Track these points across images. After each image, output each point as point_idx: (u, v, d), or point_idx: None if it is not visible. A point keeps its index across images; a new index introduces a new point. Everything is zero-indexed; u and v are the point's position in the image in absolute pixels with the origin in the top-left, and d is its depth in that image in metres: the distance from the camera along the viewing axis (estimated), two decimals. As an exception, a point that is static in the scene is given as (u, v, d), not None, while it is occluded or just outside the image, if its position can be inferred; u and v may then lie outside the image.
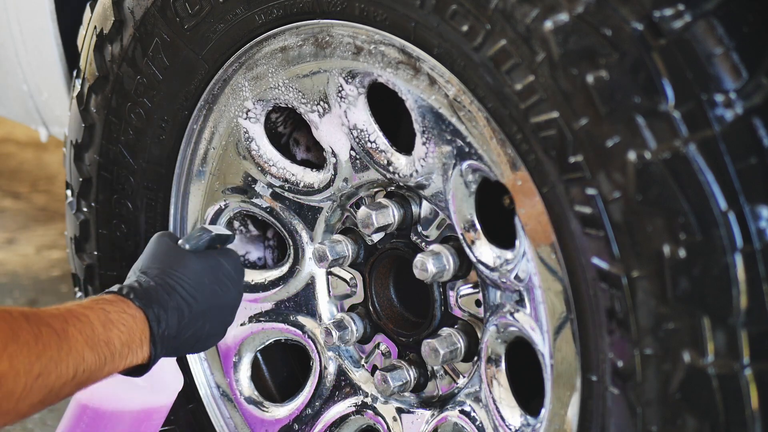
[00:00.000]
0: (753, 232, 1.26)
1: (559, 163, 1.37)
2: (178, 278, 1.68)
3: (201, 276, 1.70)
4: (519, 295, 1.56)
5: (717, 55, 1.27)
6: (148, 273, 1.68)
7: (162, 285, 1.66)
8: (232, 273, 1.74)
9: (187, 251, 1.72)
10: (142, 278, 1.67)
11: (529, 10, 1.36)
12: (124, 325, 1.58)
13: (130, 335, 1.58)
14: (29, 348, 1.42)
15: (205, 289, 1.70)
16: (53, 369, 1.44)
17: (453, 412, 1.72)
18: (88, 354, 1.50)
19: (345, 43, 1.65)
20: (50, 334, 1.46)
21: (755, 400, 1.28)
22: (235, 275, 1.75)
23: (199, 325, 1.69)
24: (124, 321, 1.58)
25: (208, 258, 1.73)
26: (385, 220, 1.70)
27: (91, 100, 1.96)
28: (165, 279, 1.67)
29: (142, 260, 1.73)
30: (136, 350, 1.59)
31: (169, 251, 1.72)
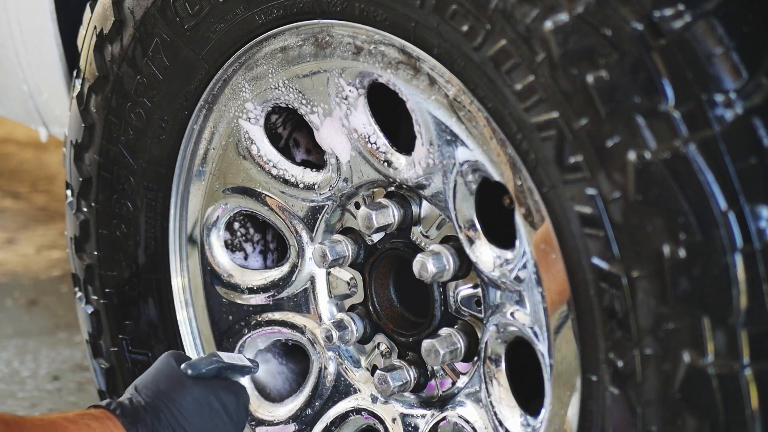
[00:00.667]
0: (753, 232, 1.26)
1: (559, 163, 1.37)
2: (169, 403, 1.66)
3: (195, 406, 1.68)
4: (519, 295, 1.56)
5: (717, 55, 1.27)
6: (142, 392, 1.68)
7: (152, 407, 1.65)
8: (231, 409, 1.72)
9: (188, 377, 1.70)
10: (135, 396, 1.67)
11: (529, 10, 1.36)
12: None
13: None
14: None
15: (197, 420, 1.67)
16: None
17: (453, 413, 1.72)
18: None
19: (345, 43, 1.65)
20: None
21: (755, 400, 1.28)
22: (235, 412, 1.72)
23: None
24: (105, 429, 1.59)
25: (209, 388, 1.71)
26: (385, 220, 1.70)
27: (91, 100, 1.96)
28: (156, 402, 1.66)
29: (142, 378, 1.72)
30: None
31: (169, 373, 1.71)
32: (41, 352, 3.07)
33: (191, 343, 1.99)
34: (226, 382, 1.74)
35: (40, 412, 2.72)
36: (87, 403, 2.73)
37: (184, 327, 1.99)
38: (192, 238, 1.96)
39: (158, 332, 2.00)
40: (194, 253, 1.96)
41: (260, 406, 1.97)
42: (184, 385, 1.69)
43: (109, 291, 2.03)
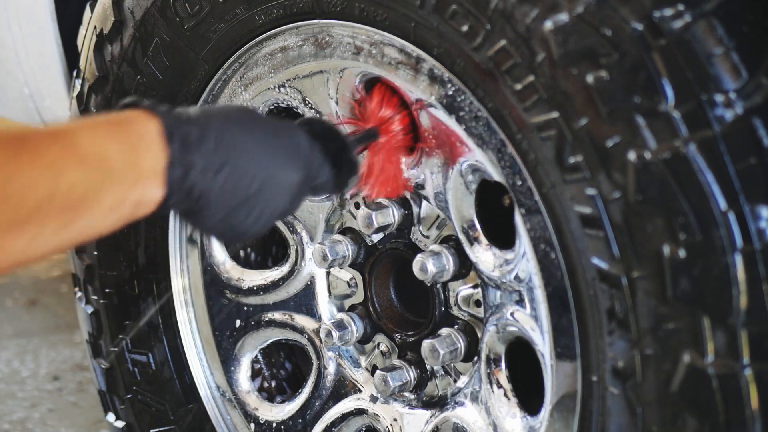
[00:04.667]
0: (753, 232, 1.26)
1: (559, 163, 1.37)
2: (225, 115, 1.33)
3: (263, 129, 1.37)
4: (519, 295, 1.56)
5: (717, 55, 1.27)
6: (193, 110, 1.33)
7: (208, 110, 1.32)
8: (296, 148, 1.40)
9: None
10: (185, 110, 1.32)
11: (529, 10, 1.36)
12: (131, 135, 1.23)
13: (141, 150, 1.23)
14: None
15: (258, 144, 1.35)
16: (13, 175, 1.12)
17: (453, 413, 1.72)
18: (69, 168, 1.17)
19: (345, 43, 1.65)
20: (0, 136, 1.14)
21: (755, 400, 1.28)
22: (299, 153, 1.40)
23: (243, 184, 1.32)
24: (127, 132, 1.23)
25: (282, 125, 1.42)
26: (385, 220, 1.70)
27: (91, 100, 1.96)
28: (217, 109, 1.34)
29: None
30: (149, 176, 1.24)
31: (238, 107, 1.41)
32: (41, 352, 3.07)
33: (191, 344, 1.99)
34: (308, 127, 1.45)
35: (40, 413, 2.72)
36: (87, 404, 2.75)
37: (184, 327, 1.99)
38: (192, 238, 1.96)
39: (158, 332, 2.00)
40: (194, 253, 1.96)
41: (260, 405, 1.97)
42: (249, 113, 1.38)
43: (109, 291, 2.03)
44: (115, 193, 1.21)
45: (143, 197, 1.24)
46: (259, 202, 1.35)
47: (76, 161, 1.17)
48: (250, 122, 1.37)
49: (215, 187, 1.30)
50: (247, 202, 1.34)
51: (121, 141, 1.22)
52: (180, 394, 2.00)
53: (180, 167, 1.26)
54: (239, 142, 1.32)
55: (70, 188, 1.16)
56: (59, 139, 1.18)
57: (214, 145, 1.29)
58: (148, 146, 1.24)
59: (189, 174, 1.27)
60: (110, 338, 2.05)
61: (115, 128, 1.23)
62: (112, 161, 1.20)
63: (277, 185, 1.36)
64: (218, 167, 1.30)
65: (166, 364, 2.00)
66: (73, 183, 1.17)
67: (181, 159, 1.26)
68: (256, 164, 1.33)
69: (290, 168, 1.38)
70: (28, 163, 1.13)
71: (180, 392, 2.00)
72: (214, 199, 1.31)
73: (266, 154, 1.35)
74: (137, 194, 1.23)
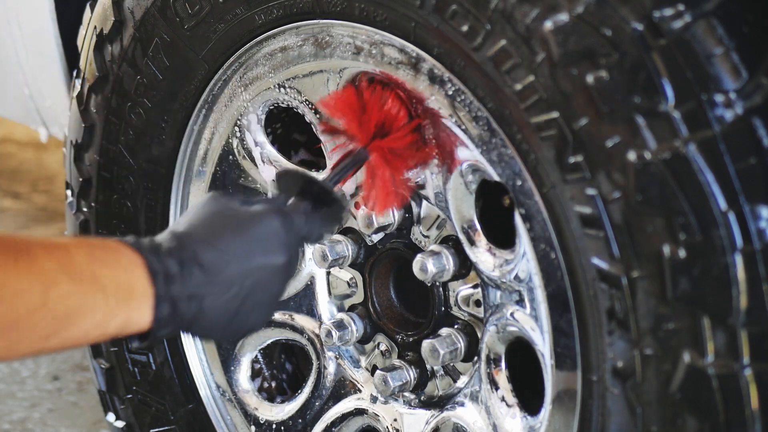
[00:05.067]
0: (753, 232, 1.26)
1: (559, 163, 1.37)
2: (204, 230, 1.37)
3: (236, 229, 1.38)
4: (519, 295, 1.56)
5: (717, 55, 1.27)
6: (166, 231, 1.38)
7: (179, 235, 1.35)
8: (274, 232, 1.41)
9: (235, 205, 1.42)
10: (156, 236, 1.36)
11: (529, 10, 1.36)
12: (118, 265, 1.28)
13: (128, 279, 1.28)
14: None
15: (237, 247, 1.37)
16: (7, 281, 1.17)
17: (453, 413, 1.72)
18: (63, 280, 1.22)
19: (345, 43, 1.65)
20: (0, 241, 1.20)
21: (755, 400, 1.28)
22: (278, 235, 1.41)
23: (234, 293, 1.36)
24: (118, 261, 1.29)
25: (257, 213, 1.41)
26: (385, 220, 1.70)
27: (91, 100, 1.96)
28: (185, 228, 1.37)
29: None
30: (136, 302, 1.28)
31: (204, 206, 1.41)
32: (41, 352, 3.07)
33: (191, 344, 1.99)
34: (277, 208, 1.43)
35: (40, 413, 2.72)
36: (87, 404, 2.75)
37: (184, 327, 1.99)
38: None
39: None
40: (194, 253, 1.96)
41: (260, 405, 1.97)
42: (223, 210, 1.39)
43: (109, 291, 2.03)
44: (103, 310, 1.26)
45: (132, 319, 1.29)
46: (256, 302, 1.39)
47: (70, 275, 1.23)
48: (226, 229, 1.38)
49: (205, 311, 1.34)
50: (242, 308, 1.38)
51: (112, 267, 1.27)
52: (180, 394, 2.00)
53: (167, 304, 1.31)
54: (220, 260, 1.35)
55: (61, 300, 1.21)
56: (57, 253, 1.24)
57: (197, 273, 1.33)
58: (137, 278, 1.29)
59: (177, 306, 1.32)
60: (110, 338, 2.05)
61: (107, 255, 1.29)
62: (104, 281, 1.25)
63: (267, 278, 1.39)
64: (204, 295, 1.34)
65: (166, 364, 2.00)
66: (65, 295, 1.22)
67: (166, 296, 1.31)
68: (241, 272, 1.37)
69: (277, 256, 1.40)
70: (25, 270, 1.19)
71: (180, 392, 2.00)
72: (209, 319, 1.35)
73: (250, 257, 1.37)
74: (125, 316, 1.28)
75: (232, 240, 1.37)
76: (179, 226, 1.38)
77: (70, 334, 1.24)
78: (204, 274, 1.34)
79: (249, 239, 1.38)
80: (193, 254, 1.34)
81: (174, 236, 1.35)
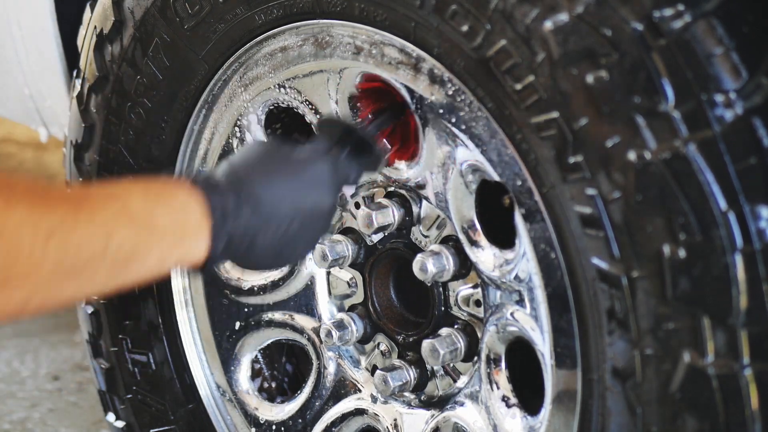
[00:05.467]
0: (753, 232, 1.26)
1: (559, 163, 1.37)
2: (259, 171, 1.45)
3: (288, 172, 1.48)
4: (519, 295, 1.56)
5: (717, 55, 1.27)
6: (223, 167, 1.46)
7: (236, 174, 1.44)
8: (322, 177, 1.51)
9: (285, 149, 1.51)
10: (214, 172, 1.45)
11: (529, 10, 1.36)
12: (173, 204, 1.36)
13: (183, 216, 1.36)
14: (31, 199, 1.22)
15: (288, 189, 1.47)
16: (70, 230, 1.24)
17: (453, 413, 1.72)
18: (121, 226, 1.29)
19: (345, 43, 1.65)
20: (62, 194, 1.27)
21: (755, 400, 1.28)
22: (326, 180, 1.51)
23: (282, 230, 1.45)
24: (173, 199, 1.36)
25: (307, 156, 1.52)
26: (385, 220, 1.70)
27: (91, 100, 1.96)
28: (242, 169, 1.45)
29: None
30: (192, 238, 1.37)
31: (260, 149, 1.50)
32: (41, 352, 3.07)
33: (191, 344, 1.99)
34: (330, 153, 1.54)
35: (39, 413, 2.72)
36: (87, 404, 2.75)
37: (184, 327, 1.99)
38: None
39: (158, 332, 2.00)
40: (194, 253, 1.96)
41: (260, 405, 1.97)
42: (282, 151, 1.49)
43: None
44: (160, 250, 1.34)
45: (187, 256, 1.37)
46: (302, 238, 1.50)
47: (128, 221, 1.30)
48: (278, 171, 1.47)
49: (257, 245, 1.44)
50: (289, 243, 1.47)
51: (168, 206, 1.35)
52: (180, 394, 2.00)
53: (223, 238, 1.39)
54: (272, 200, 1.45)
55: (120, 245, 1.29)
56: (114, 201, 1.31)
57: (251, 212, 1.42)
58: (192, 215, 1.37)
59: (232, 241, 1.41)
60: (110, 338, 2.05)
61: (163, 195, 1.36)
62: (159, 223, 1.33)
63: (314, 218, 1.50)
64: (256, 231, 1.43)
65: (166, 364, 2.00)
66: (124, 240, 1.29)
67: (222, 230, 1.39)
68: (291, 212, 1.46)
69: (323, 198, 1.51)
70: (86, 220, 1.26)
71: (180, 392, 2.00)
72: (258, 253, 1.44)
73: (298, 199, 1.47)
74: (181, 253, 1.36)
75: (285, 182, 1.46)
76: (236, 165, 1.45)
77: (131, 275, 1.32)
78: (258, 212, 1.42)
79: (300, 182, 1.48)
80: (249, 192, 1.42)
81: (232, 173, 1.43)
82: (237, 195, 1.41)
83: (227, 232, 1.39)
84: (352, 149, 1.57)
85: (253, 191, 1.43)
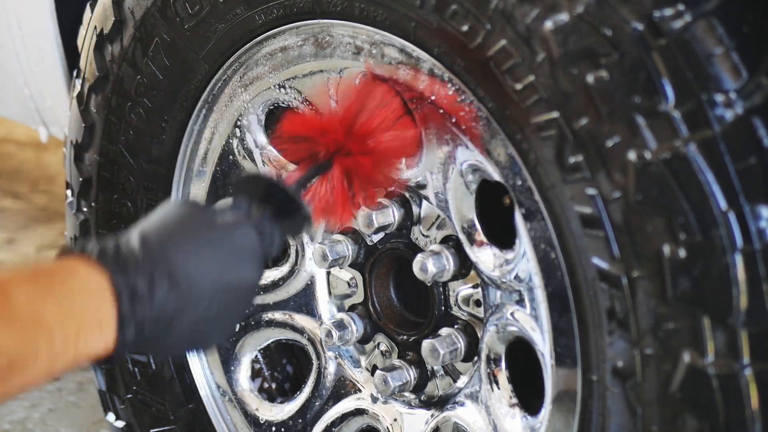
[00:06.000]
0: (753, 232, 1.26)
1: (559, 163, 1.37)
2: (176, 241, 1.25)
3: (209, 240, 1.29)
4: (519, 295, 1.56)
5: (717, 55, 1.27)
6: (134, 233, 1.25)
7: (149, 246, 1.23)
8: (249, 246, 1.33)
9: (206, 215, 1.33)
10: (123, 239, 1.24)
11: (529, 10, 1.36)
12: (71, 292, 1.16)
13: (81, 307, 1.16)
14: None
15: (211, 262, 1.28)
16: None
17: (453, 413, 1.72)
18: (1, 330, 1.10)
19: (345, 43, 1.65)
20: None
21: (755, 400, 1.28)
22: (252, 250, 1.34)
23: (202, 310, 1.25)
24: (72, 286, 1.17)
25: (223, 225, 1.33)
26: (385, 220, 1.70)
27: (91, 100, 1.96)
28: (157, 238, 1.24)
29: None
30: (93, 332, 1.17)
31: (177, 212, 1.31)
32: (41, 352, 3.07)
33: (191, 343, 1.99)
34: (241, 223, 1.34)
35: (40, 413, 2.72)
36: (87, 404, 2.75)
37: (184, 327, 1.99)
38: (192, 238, 1.96)
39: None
40: (194, 253, 1.96)
41: (260, 405, 1.97)
42: (199, 222, 1.29)
43: (109, 291, 2.03)
44: (50, 354, 1.14)
45: (84, 353, 1.17)
46: (222, 319, 1.31)
47: (8, 322, 1.11)
48: (199, 242, 1.28)
49: (173, 331, 1.25)
50: (208, 326, 1.28)
51: (60, 298, 1.15)
52: (180, 394, 2.00)
53: (132, 325, 1.20)
54: (192, 276, 1.24)
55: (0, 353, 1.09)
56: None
57: (167, 292, 1.22)
58: (91, 303, 1.18)
59: (143, 328, 1.21)
60: (110, 338, 2.05)
61: (54, 284, 1.16)
62: (48, 322, 1.13)
63: (237, 295, 1.32)
64: (173, 313, 1.23)
65: (166, 364, 2.00)
66: (3, 346, 1.10)
67: (132, 316, 1.20)
68: (213, 289, 1.27)
69: (249, 271, 1.33)
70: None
71: (180, 392, 2.00)
72: (173, 339, 1.26)
73: (222, 272, 1.28)
74: (75, 353, 1.16)
75: (206, 253, 1.27)
76: (148, 232, 1.25)
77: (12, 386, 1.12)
78: (174, 291, 1.23)
79: (224, 253, 1.29)
80: (165, 268, 1.22)
81: (144, 244, 1.24)
82: (150, 272, 1.21)
83: (138, 319, 1.20)
84: (275, 210, 1.38)
85: (169, 266, 1.22)
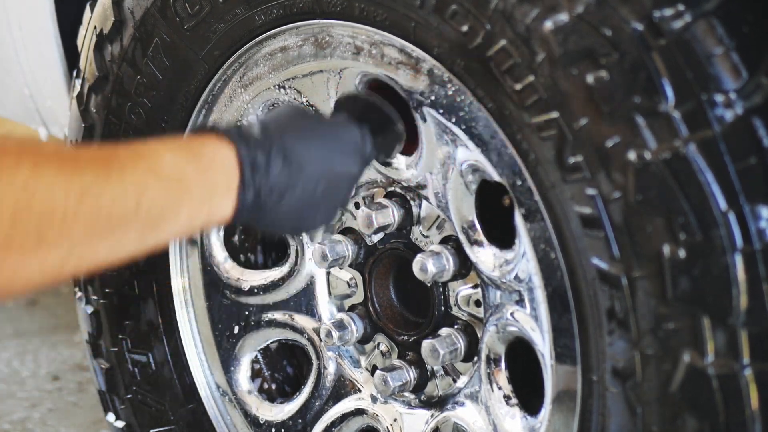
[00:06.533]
0: (753, 232, 1.26)
1: (559, 163, 1.37)
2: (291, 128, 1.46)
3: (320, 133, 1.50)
4: (519, 295, 1.56)
5: (717, 55, 1.27)
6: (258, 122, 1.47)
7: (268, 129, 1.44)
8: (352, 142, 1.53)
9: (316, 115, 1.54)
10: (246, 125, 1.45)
11: (529, 10, 1.36)
12: (202, 158, 1.36)
13: (212, 170, 1.36)
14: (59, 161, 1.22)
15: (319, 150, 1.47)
16: (102, 190, 1.24)
17: (453, 412, 1.72)
18: (151, 182, 1.29)
19: (345, 43, 1.65)
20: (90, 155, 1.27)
21: (755, 400, 1.28)
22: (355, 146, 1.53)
23: (309, 189, 1.45)
24: (206, 154, 1.37)
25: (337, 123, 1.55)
26: (385, 220, 1.70)
27: (91, 100, 1.96)
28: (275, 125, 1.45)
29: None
30: (221, 192, 1.37)
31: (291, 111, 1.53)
32: (41, 352, 3.07)
33: (191, 344, 1.99)
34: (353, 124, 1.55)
35: (40, 413, 2.73)
36: (87, 404, 2.75)
37: (184, 327, 1.99)
38: (192, 238, 1.96)
39: (158, 332, 2.00)
40: (194, 254, 1.96)
41: (260, 406, 1.97)
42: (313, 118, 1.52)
43: (109, 291, 2.03)
44: (190, 208, 1.34)
45: (215, 213, 1.37)
46: (325, 202, 1.49)
47: (158, 180, 1.30)
48: (310, 131, 1.49)
49: (283, 203, 1.43)
50: (313, 205, 1.48)
51: (197, 163, 1.35)
52: (180, 394, 2.00)
53: (251, 190, 1.39)
54: (303, 158, 1.44)
55: (151, 203, 1.29)
56: (144, 159, 1.31)
57: (281, 167, 1.42)
58: (221, 169, 1.37)
59: (260, 195, 1.40)
60: (110, 338, 2.05)
61: (192, 151, 1.36)
62: (189, 181, 1.33)
63: (339, 183, 1.50)
64: (285, 186, 1.43)
65: (166, 364, 2.00)
66: (155, 199, 1.29)
67: (252, 183, 1.39)
68: (320, 173, 1.46)
69: (351, 164, 1.52)
70: (117, 179, 1.26)
71: (180, 392, 2.00)
72: (283, 212, 1.44)
73: (328, 160, 1.48)
74: (209, 210, 1.36)
75: (316, 142, 1.47)
76: (268, 121, 1.46)
77: (162, 234, 1.32)
78: (288, 169, 1.42)
79: (331, 145, 1.49)
80: (280, 147, 1.42)
81: (264, 128, 1.43)
82: (268, 149, 1.41)
83: (256, 186, 1.40)
84: (371, 127, 1.56)
85: (284, 146, 1.43)
